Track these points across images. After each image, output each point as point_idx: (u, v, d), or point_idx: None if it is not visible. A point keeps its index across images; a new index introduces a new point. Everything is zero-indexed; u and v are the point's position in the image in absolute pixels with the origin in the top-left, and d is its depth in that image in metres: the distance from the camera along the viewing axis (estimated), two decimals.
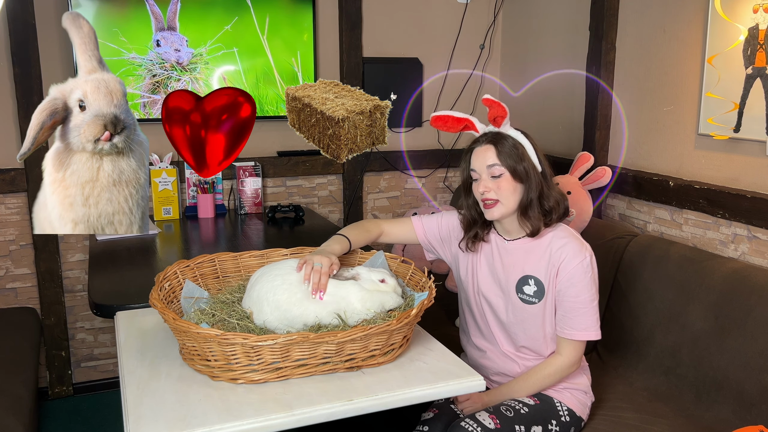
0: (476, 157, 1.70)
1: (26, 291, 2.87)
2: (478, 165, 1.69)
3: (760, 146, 2.06)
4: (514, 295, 1.75)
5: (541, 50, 3.10)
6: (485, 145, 1.69)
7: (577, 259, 1.68)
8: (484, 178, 1.68)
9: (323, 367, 1.40)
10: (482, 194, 1.68)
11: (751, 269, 1.95)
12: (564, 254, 1.69)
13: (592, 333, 1.70)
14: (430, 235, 1.92)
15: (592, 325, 1.70)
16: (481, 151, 1.69)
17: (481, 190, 1.68)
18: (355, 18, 3.11)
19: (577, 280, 1.68)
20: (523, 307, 1.74)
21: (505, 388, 1.77)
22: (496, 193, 1.67)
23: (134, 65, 2.75)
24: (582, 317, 1.69)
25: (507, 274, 1.76)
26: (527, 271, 1.74)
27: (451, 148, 3.43)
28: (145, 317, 1.70)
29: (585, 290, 1.69)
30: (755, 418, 1.78)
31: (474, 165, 1.70)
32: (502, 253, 1.78)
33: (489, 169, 1.67)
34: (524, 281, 1.74)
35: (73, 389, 2.99)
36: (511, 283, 1.75)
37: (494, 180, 1.67)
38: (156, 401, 1.30)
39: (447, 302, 2.68)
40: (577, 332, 1.70)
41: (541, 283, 1.72)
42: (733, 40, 2.08)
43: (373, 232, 1.89)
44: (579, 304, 1.69)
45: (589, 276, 1.69)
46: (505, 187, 1.67)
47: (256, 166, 2.99)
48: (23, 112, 2.69)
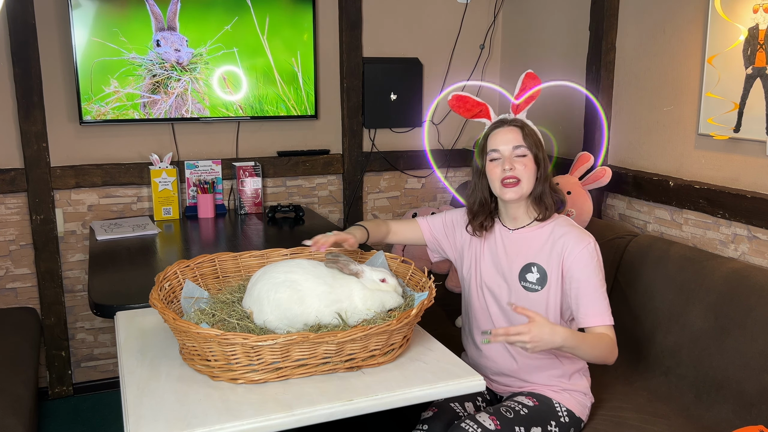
0: (500, 138, 1.75)
1: (26, 291, 2.87)
2: (502, 145, 1.73)
3: (760, 146, 2.06)
4: (517, 284, 1.77)
5: (541, 50, 3.10)
6: (510, 126, 1.76)
7: (581, 244, 1.70)
8: (508, 156, 1.72)
9: (323, 367, 1.40)
10: (506, 171, 1.71)
11: (751, 269, 1.95)
12: (568, 241, 1.71)
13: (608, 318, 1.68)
14: (437, 231, 1.94)
15: (605, 311, 1.69)
16: (505, 131, 1.75)
17: (506, 166, 1.71)
18: (355, 18, 3.11)
19: (584, 264, 1.69)
20: (526, 295, 1.76)
21: (576, 335, 1.60)
22: (519, 172, 1.71)
23: (134, 65, 2.75)
24: (597, 302, 1.68)
25: (510, 263, 1.78)
26: (530, 259, 1.76)
27: (451, 148, 3.43)
28: (145, 317, 1.70)
29: (594, 275, 1.69)
30: (755, 418, 1.78)
31: (497, 145, 1.74)
32: (506, 243, 1.81)
33: (515, 149, 1.72)
34: (527, 269, 1.76)
35: (73, 389, 2.99)
36: (514, 271, 1.77)
37: (519, 159, 1.72)
38: (156, 401, 1.30)
39: (447, 302, 2.68)
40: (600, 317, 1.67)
41: (544, 270, 1.74)
42: (733, 40, 2.08)
43: (382, 229, 1.93)
44: (591, 288, 1.68)
45: (596, 261, 1.70)
46: (529, 168, 1.72)
47: (256, 166, 2.99)
48: (23, 112, 2.69)
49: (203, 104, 2.89)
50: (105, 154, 2.87)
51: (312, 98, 3.06)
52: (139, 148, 2.92)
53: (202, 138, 3.01)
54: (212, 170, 2.97)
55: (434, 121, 3.36)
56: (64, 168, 2.80)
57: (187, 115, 2.87)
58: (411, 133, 3.34)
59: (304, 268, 1.56)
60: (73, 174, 2.81)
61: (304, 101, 3.05)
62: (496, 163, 1.74)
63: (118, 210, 2.92)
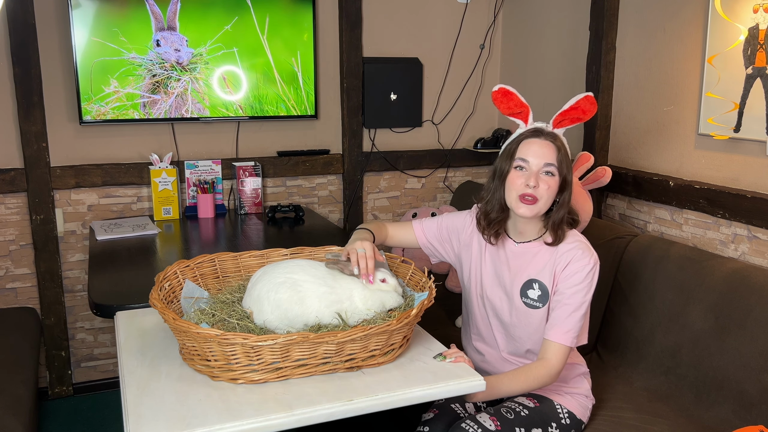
0: (533, 149, 1.64)
1: (26, 291, 2.87)
2: (533, 157, 1.64)
3: (760, 146, 2.06)
4: (518, 300, 1.73)
5: (541, 50, 3.10)
6: (547, 140, 1.65)
7: (581, 261, 1.66)
8: (536, 172, 1.63)
9: (323, 367, 1.40)
10: (528, 188, 1.62)
11: (751, 269, 1.95)
12: (570, 256, 1.67)
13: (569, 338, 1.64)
14: (431, 236, 1.91)
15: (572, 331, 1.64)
16: (541, 144, 1.65)
17: (531, 182, 1.62)
18: (355, 18, 3.11)
19: (576, 281, 1.66)
20: (527, 312, 1.73)
21: (493, 379, 1.65)
22: (541, 191, 1.63)
23: (134, 65, 2.75)
24: (569, 320, 1.65)
25: (512, 278, 1.75)
26: (532, 275, 1.72)
27: (451, 148, 3.43)
28: (145, 317, 1.70)
29: (579, 294, 1.65)
30: (755, 418, 1.78)
31: (528, 156, 1.64)
32: (509, 256, 1.77)
33: (545, 166, 1.63)
34: (529, 285, 1.72)
35: (73, 389, 2.99)
36: (516, 286, 1.74)
37: (545, 178, 1.64)
38: (156, 401, 1.30)
39: (447, 302, 2.68)
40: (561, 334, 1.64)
41: (546, 287, 1.70)
42: (733, 40, 2.08)
43: (382, 232, 1.88)
44: (571, 306, 1.65)
45: (588, 282, 1.66)
46: (551, 189, 1.64)
47: (256, 166, 2.99)
48: (23, 112, 2.69)
49: (203, 104, 2.89)
50: (105, 154, 2.87)
51: (312, 98, 3.06)
52: (139, 148, 2.92)
53: (202, 138, 3.01)
54: (212, 170, 2.97)
55: (434, 121, 3.36)
56: (64, 168, 2.80)
57: (187, 115, 2.87)
58: (411, 133, 3.34)
59: (304, 269, 1.56)
60: (73, 174, 2.81)
61: (304, 101, 3.05)
62: (521, 173, 1.65)
63: (118, 210, 2.92)
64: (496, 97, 1.76)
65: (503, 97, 1.75)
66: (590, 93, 1.71)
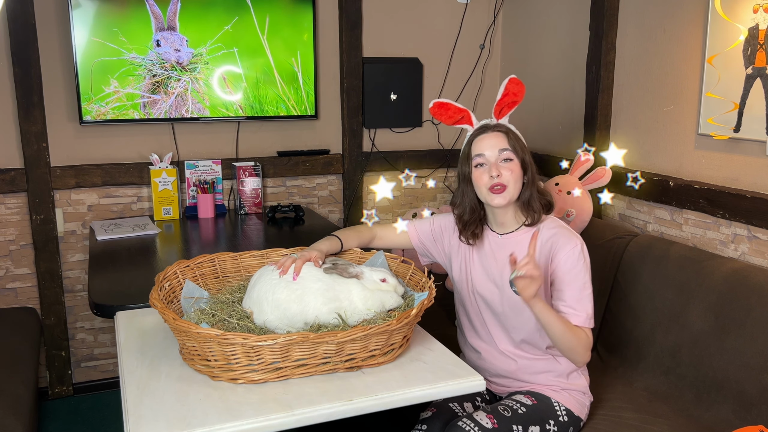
0: (485, 143, 1.73)
1: (26, 291, 2.87)
2: (488, 150, 1.72)
3: (760, 146, 2.06)
4: (509, 289, 1.75)
5: (541, 50, 3.10)
6: (494, 132, 1.74)
7: (569, 245, 1.70)
8: (495, 162, 1.70)
9: (323, 367, 1.40)
10: (493, 179, 1.69)
11: (751, 269, 1.95)
12: (556, 242, 1.71)
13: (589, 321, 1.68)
14: (423, 236, 1.93)
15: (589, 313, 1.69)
16: (489, 136, 1.73)
17: (493, 173, 1.69)
18: (355, 18, 3.11)
19: (572, 265, 1.69)
20: (517, 299, 1.74)
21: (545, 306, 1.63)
22: (506, 177, 1.69)
23: (134, 65, 2.75)
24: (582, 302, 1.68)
25: (501, 269, 1.77)
26: None
27: (450, 147, 3.42)
28: (145, 317, 1.70)
29: (580, 276, 1.69)
30: (755, 418, 1.78)
31: (482, 150, 1.72)
32: (494, 249, 1.80)
33: (501, 153, 1.71)
34: None
35: (73, 389, 2.99)
36: (506, 277, 1.76)
37: (505, 165, 1.70)
38: (156, 401, 1.30)
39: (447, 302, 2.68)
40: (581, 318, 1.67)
41: None
42: (733, 40, 2.08)
43: (365, 234, 1.90)
44: (576, 289, 1.68)
45: (583, 262, 1.70)
46: (515, 173, 1.70)
47: (256, 166, 2.99)
48: (23, 112, 2.69)
49: (203, 104, 2.89)
50: (105, 154, 2.87)
51: (312, 98, 3.06)
52: (139, 148, 2.92)
53: (202, 138, 3.01)
54: (212, 170, 2.97)
55: (434, 121, 3.36)
56: (64, 168, 2.80)
57: (187, 115, 2.87)
58: (411, 133, 3.34)
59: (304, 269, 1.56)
60: (73, 174, 2.81)
61: (304, 101, 3.05)
62: (483, 169, 1.72)
63: (118, 210, 2.92)
64: (434, 112, 1.85)
65: (440, 109, 1.84)
66: (513, 75, 1.78)
